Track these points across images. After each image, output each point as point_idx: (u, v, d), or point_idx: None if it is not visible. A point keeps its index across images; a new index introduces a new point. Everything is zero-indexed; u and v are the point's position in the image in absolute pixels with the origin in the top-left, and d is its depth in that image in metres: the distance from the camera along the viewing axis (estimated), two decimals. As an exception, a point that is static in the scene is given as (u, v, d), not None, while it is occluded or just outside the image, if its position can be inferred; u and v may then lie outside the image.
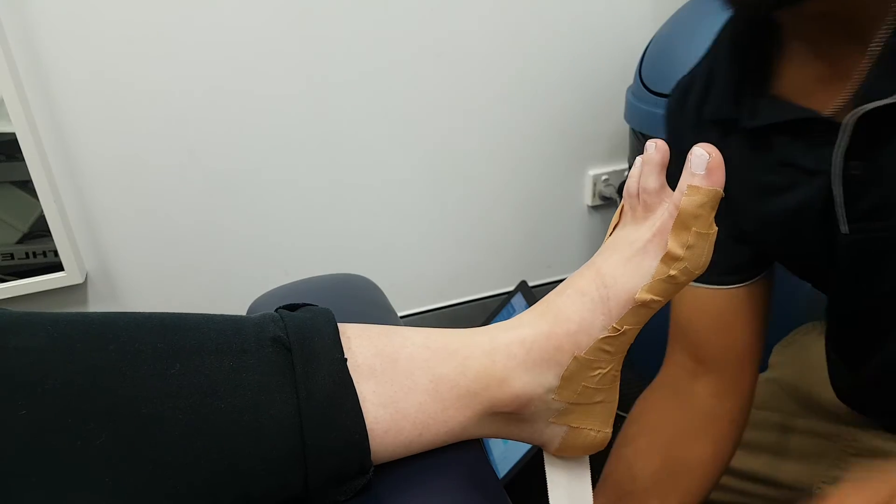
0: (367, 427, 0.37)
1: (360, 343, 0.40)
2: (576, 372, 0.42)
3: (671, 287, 0.41)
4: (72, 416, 0.31)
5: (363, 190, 1.27)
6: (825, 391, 0.72)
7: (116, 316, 0.36)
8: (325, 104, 1.17)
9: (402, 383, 0.40)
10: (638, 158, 0.45)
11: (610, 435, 0.47)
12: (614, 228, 0.47)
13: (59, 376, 0.32)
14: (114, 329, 0.34)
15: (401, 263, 1.39)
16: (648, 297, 0.41)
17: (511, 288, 1.46)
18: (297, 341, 0.37)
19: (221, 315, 0.39)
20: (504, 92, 1.28)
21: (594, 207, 1.47)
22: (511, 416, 0.44)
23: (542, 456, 0.49)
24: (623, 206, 0.47)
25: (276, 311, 0.41)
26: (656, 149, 0.44)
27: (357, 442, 0.37)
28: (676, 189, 0.41)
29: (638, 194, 0.44)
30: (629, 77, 1.23)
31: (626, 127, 1.23)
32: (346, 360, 0.38)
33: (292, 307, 0.42)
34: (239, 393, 0.35)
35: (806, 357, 0.79)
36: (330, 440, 0.36)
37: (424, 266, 1.41)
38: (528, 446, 1.03)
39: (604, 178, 1.43)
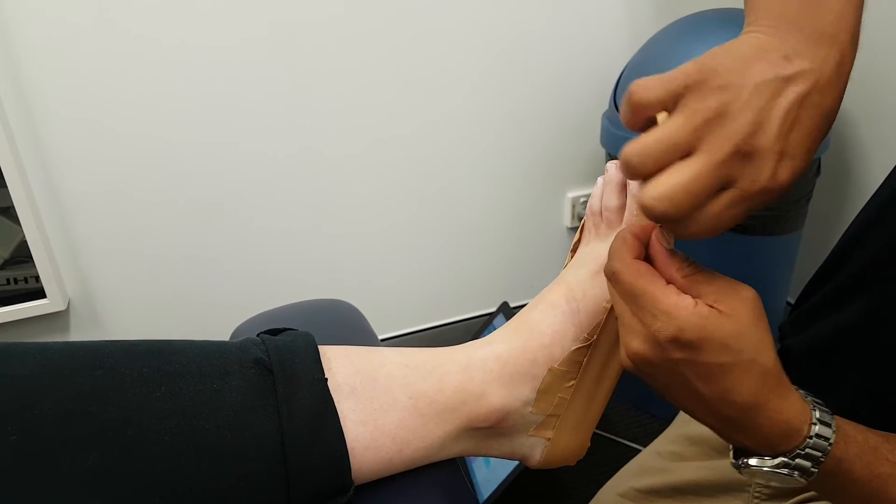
0: (348, 444, 0.38)
1: (339, 363, 0.41)
2: (551, 384, 0.44)
3: None
4: (60, 440, 0.32)
5: (345, 215, 1.28)
6: None
7: (102, 344, 0.37)
8: (306, 129, 1.18)
9: (382, 401, 0.41)
10: (599, 179, 0.48)
11: (588, 445, 0.48)
12: (576, 247, 0.50)
13: (47, 402, 0.33)
14: (100, 356, 0.35)
15: (383, 286, 1.40)
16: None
17: (493, 309, 1.48)
18: (278, 363, 0.38)
19: (205, 340, 0.40)
20: (484, 117, 1.30)
21: (573, 229, 1.50)
22: (490, 430, 0.45)
23: (523, 478, 0.50)
24: (584, 225, 0.49)
25: (257, 335, 0.42)
26: (616, 170, 0.46)
27: (338, 459, 0.38)
28: (626, 209, 0.44)
29: (601, 212, 0.46)
30: (605, 102, 1.26)
31: (603, 151, 1.26)
32: (326, 379, 0.39)
33: (274, 332, 0.43)
34: (222, 414, 0.36)
35: None
36: (311, 458, 0.37)
37: (407, 289, 1.42)
38: (511, 469, 1.04)
39: (582, 200, 1.45)
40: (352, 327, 0.60)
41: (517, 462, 1.04)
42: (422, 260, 1.39)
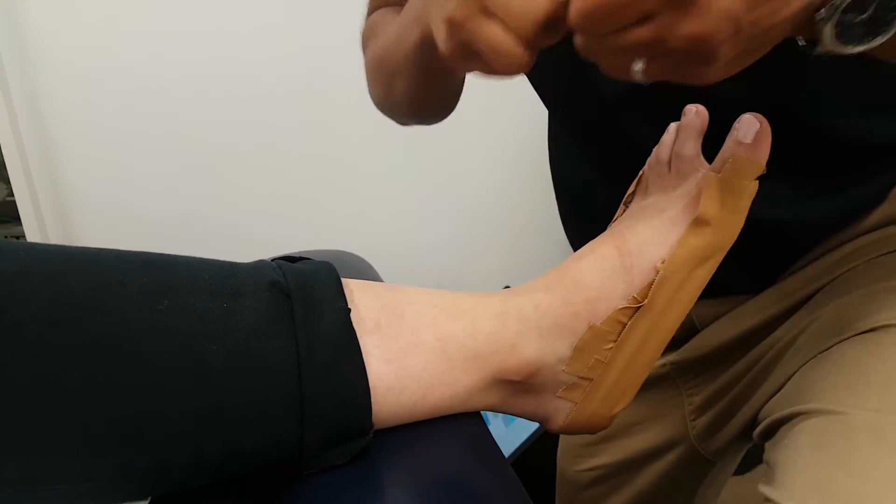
0: (370, 383, 0.35)
1: (363, 296, 0.37)
2: (589, 342, 0.40)
3: (696, 261, 0.39)
4: (43, 348, 0.28)
5: (346, 190, 1.25)
6: None
7: (99, 250, 0.33)
8: (313, 94, 1.15)
9: (408, 340, 0.37)
10: (672, 125, 0.44)
11: (615, 417, 0.44)
12: (629, 199, 0.46)
13: (31, 304, 0.28)
14: (96, 260, 0.31)
15: (383, 267, 1.36)
16: (672, 269, 0.39)
17: (494, 293, 1.45)
18: (297, 288, 0.34)
19: (213, 259, 0.36)
20: (495, 97, 1.27)
21: (580, 214, 1.47)
22: (518, 385, 0.41)
23: (540, 445, 0.46)
24: (642, 177, 0.45)
25: (272, 260, 0.38)
26: (696, 114, 0.42)
27: (359, 398, 0.34)
28: (718, 156, 0.39)
29: (668, 162, 0.42)
30: (620, 81, 1.24)
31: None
32: (349, 309, 0.35)
33: (290, 259, 0.39)
34: (232, 336, 0.31)
35: None
36: (330, 393, 0.33)
37: (408, 270, 1.39)
38: (527, 435, 1.01)
39: (591, 184, 1.43)
40: (363, 277, 0.56)
41: (536, 426, 1.01)
42: (425, 241, 1.37)
